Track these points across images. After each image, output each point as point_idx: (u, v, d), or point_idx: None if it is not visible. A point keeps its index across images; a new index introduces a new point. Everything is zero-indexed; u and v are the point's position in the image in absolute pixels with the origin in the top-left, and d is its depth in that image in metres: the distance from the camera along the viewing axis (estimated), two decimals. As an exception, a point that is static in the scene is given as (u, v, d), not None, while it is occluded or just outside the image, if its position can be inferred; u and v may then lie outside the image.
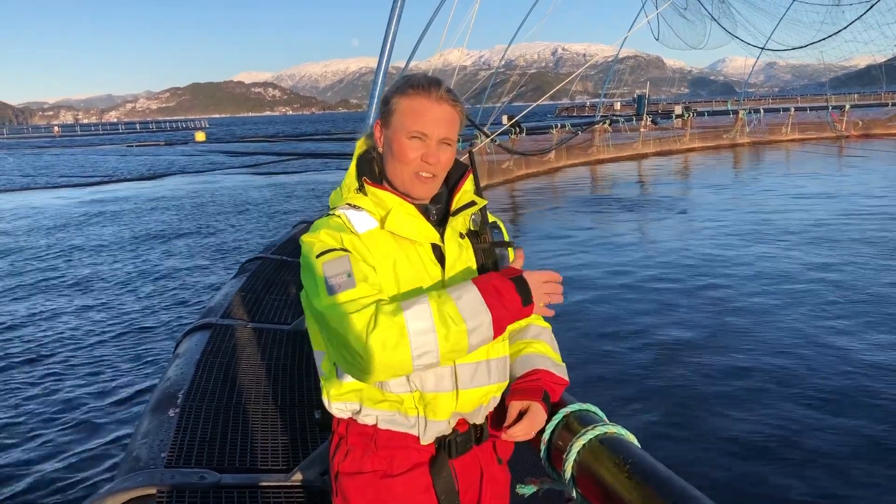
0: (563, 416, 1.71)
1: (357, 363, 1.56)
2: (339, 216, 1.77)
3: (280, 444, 3.61)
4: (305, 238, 1.74)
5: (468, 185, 1.87)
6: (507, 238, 1.85)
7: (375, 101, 4.37)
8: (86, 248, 16.36)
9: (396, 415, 1.73)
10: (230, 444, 3.55)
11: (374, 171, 1.84)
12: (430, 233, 1.76)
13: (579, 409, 1.71)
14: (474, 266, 1.81)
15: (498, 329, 1.64)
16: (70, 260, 15.03)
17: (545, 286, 1.73)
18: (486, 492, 1.86)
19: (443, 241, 1.77)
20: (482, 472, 1.85)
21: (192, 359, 4.70)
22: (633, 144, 34.27)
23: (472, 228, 1.84)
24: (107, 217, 21.48)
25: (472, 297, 1.61)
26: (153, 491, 2.99)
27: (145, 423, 3.78)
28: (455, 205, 1.83)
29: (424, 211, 1.80)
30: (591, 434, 1.55)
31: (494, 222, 1.85)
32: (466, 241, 1.81)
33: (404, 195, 1.79)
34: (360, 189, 1.82)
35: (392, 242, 1.73)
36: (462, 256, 1.78)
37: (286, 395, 4.24)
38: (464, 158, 1.92)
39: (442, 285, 1.73)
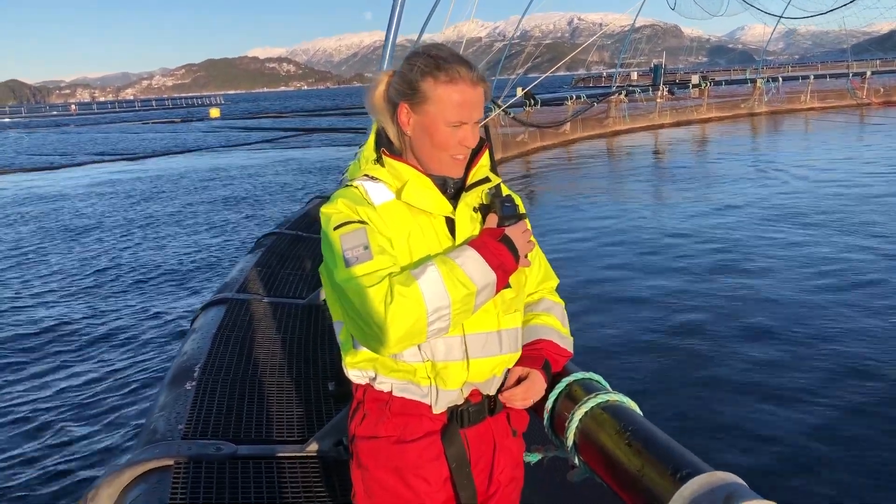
0: (567, 385, 1.72)
1: (375, 336, 1.60)
2: (356, 187, 1.79)
3: (295, 416, 3.65)
4: (324, 209, 1.76)
5: (484, 160, 1.88)
6: (522, 210, 1.84)
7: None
8: (102, 225, 16.51)
9: (409, 384, 1.76)
10: (246, 416, 3.60)
11: (391, 145, 1.85)
12: (444, 205, 1.77)
13: (582, 378, 1.72)
14: None
15: (499, 288, 1.71)
16: (87, 235, 15.19)
17: (524, 236, 1.78)
18: (498, 463, 1.88)
19: (455, 215, 1.78)
20: (495, 444, 1.88)
21: (208, 333, 4.75)
22: (650, 115, 33.90)
23: (484, 202, 1.85)
24: (118, 195, 21.63)
25: (475, 260, 1.66)
26: (170, 462, 3.04)
27: (162, 397, 3.84)
28: (471, 179, 1.85)
29: (442, 184, 1.81)
30: (593, 402, 1.57)
31: (509, 195, 1.85)
32: (478, 216, 1.82)
33: (425, 171, 1.80)
34: (378, 161, 1.84)
35: (407, 214, 1.75)
36: (473, 230, 1.79)
37: (301, 368, 4.29)
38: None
39: None
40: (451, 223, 1.78)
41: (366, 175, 1.82)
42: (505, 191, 1.87)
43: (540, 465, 1.89)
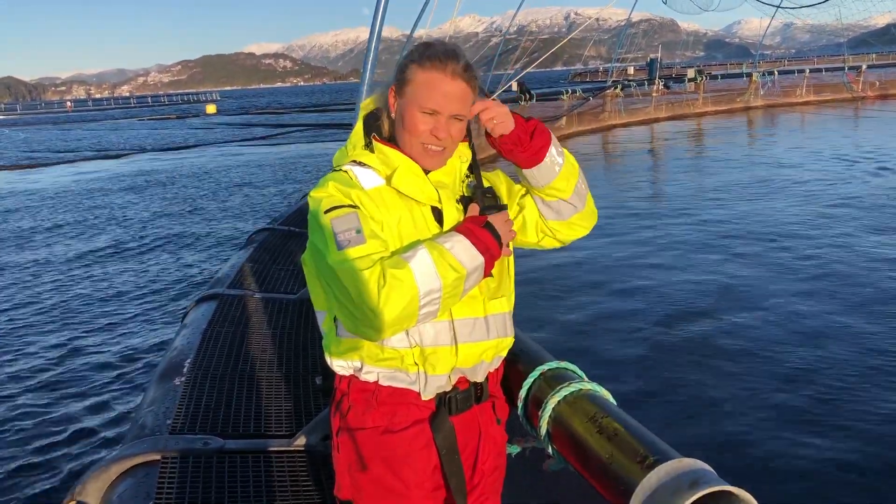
0: (540, 374, 1.73)
1: (367, 320, 1.59)
2: (345, 171, 1.80)
3: (284, 411, 3.65)
4: (314, 194, 1.76)
5: (466, 154, 1.89)
6: (505, 201, 1.88)
7: (368, 71, 4.33)
8: (97, 220, 16.50)
9: (397, 371, 1.76)
10: (234, 410, 3.60)
11: (381, 130, 1.86)
12: (431, 194, 1.79)
13: (556, 367, 1.72)
14: None
15: (486, 272, 1.73)
16: (79, 231, 15.18)
17: (505, 225, 1.79)
18: (483, 451, 1.89)
19: (441, 203, 1.80)
20: (481, 432, 1.88)
21: (198, 328, 4.75)
22: (646, 109, 33.93)
23: (465, 194, 1.86)
24: (110, 191, 21.61)
25: (463, 244, 1.68)
26: (158, 457, 3.04)
27: (151, 392, 3.84)
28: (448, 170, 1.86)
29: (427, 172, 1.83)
30: (565, 391, 1.57)
31: (490, 187, 1.87)
32: (461, 206, 1.84)
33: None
34: (367, 146, 1.85)
35: (398, 200, 1.76)
36: (459, 219, 1.81)
37: (291, 363, 4.29)
38: None
39: None
40: (437, 213, 1.79)
41: (354, 161, 1.83)
42: (486, 183, 1.89)
43: (521, 456, 1.89)
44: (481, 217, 1.77)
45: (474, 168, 1.90)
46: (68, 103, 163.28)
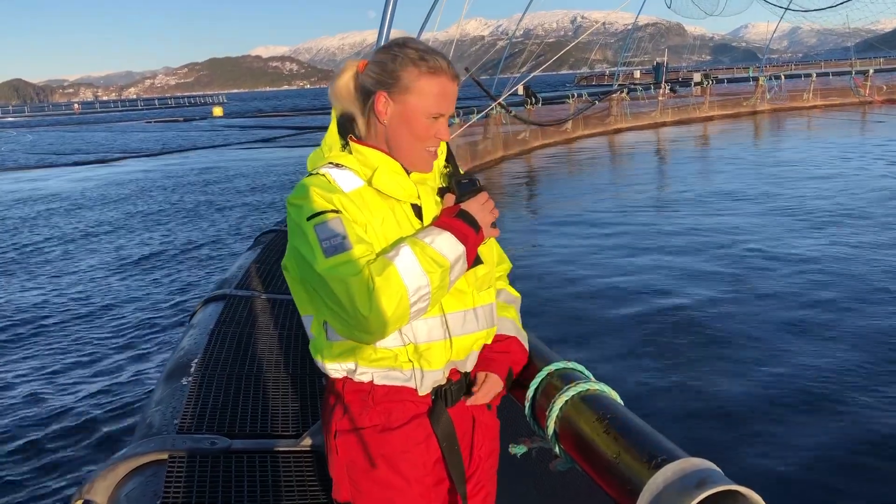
0: (548, 374, 1.74)
1: (360, 325, 1.60)
2: (323, 175, 1.78)
3: (290, 411, 3.66)
4: (293, 200, 1.74)
5: (442, 146, 1.90)
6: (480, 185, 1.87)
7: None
8: (106, 222, 16.56)
9: (391, 370, 1.77)
10: (241, 410, 3.61)
11: (355, 132, 1.85)
12: (412, 191, 1.79)
13: (563, 367, 1.73)
14: None
15: (470, 259, 1.74)
16: (91, 232, 15.24)
17: (484, 207, 1.79)
18: (478, 438, 1.92)
19: (420, 200, 1.80)
20: (474, 420, 1.92)
21: (206, 328, 4.77)
22: (651, 113, 33.89)
23: (442, 185, 1.88)
24: (116, 194, 21.67)
25: (442, 237, 1.69)
26: (165, 456, 3.06)
27: (159, 391, 3.86)
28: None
29: (406, 170, 1.83)
30: (573, 391, 1.58)
31: (466, 174, 1.88)
32: (439, 199, 1.85)
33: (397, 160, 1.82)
34: (345, 148, 1.84)
35: (379, 200, 1.76)
36: (437, 213, 1.82)
37: (297, 363, 4.30)
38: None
39: None
40: (416, 209, 1.80)
41: (330, 163, 1.82)
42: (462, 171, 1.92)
43: (527, 456, 1.89)
44: (455, 206, 1.79)
45: (450, 158, 1.92)
46: (76, 105, 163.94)
